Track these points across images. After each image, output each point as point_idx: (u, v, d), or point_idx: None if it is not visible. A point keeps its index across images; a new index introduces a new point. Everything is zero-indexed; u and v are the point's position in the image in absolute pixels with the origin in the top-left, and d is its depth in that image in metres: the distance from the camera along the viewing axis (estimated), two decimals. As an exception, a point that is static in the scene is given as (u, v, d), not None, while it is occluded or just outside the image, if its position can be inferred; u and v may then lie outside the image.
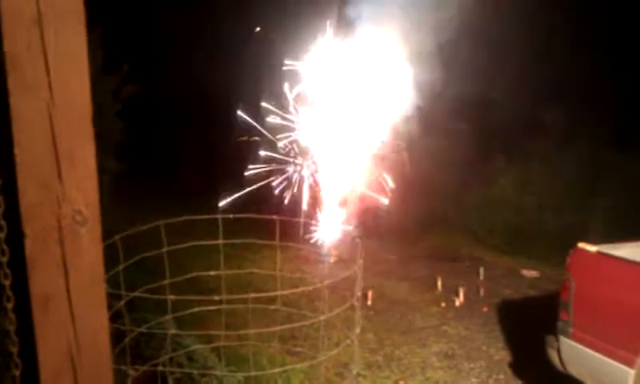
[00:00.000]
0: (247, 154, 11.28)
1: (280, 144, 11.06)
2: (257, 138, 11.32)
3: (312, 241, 10.54)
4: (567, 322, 5.46)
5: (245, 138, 11.42)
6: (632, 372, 4.80)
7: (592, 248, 5.45)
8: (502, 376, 6.72)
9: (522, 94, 12.91)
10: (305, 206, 11.02)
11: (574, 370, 5.49)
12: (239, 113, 11.30)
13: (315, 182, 11.20)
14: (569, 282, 5.45)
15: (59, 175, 1.20)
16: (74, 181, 1.22)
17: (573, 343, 5.40)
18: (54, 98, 1.19)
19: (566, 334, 5.47)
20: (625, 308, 4.93)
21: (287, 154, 11.17)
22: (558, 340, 5.58)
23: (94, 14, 1.25)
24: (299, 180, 11.20)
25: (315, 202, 11.20)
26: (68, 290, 1.23)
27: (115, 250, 3.43)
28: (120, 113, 11.47)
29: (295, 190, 11.20)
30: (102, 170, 1.31)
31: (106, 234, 1.44)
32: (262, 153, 11.16)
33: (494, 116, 12.84)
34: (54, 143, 1.19)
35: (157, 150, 14.82)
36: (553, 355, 5.68)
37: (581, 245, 5.56)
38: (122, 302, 3.34)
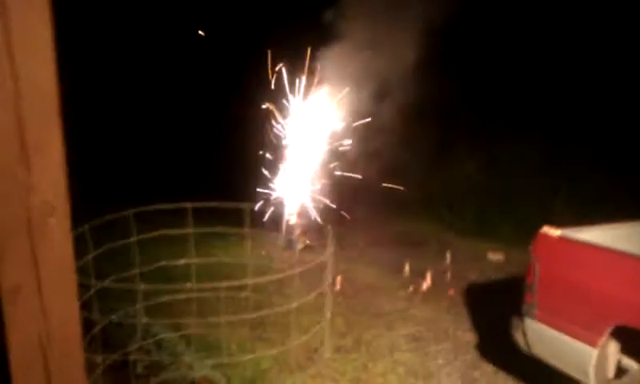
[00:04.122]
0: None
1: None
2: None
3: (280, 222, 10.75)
4: (532, 304, 5.57)
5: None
6: (595, 351, 4.93)
7: (555, 232, 5.56)
8: (468, 357, 6.84)
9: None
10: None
11: (538, 351, 5.60)
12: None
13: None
14: (533, 265, 5.55)
15: (27, 166, 1.19)
16: (43, 171, 1.22)
17: (537, 325, 5.51)
18: (20, 88, 1.17)
19: (531, 316, 5.58)
20: (587, 290, 5.05)
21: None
22: (523, 322, 5.69)
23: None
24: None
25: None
26: (38, 281, 1.23)
27: (85, 238, 3.41)
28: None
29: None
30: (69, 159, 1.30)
31: (76, 223, 1.44)
32: None
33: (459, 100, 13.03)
34: (21, 134, 1.18)
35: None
36: (518, 336, 5.79)
37: (544, 229, 5.66)
38: (92, 291, 3.32)
